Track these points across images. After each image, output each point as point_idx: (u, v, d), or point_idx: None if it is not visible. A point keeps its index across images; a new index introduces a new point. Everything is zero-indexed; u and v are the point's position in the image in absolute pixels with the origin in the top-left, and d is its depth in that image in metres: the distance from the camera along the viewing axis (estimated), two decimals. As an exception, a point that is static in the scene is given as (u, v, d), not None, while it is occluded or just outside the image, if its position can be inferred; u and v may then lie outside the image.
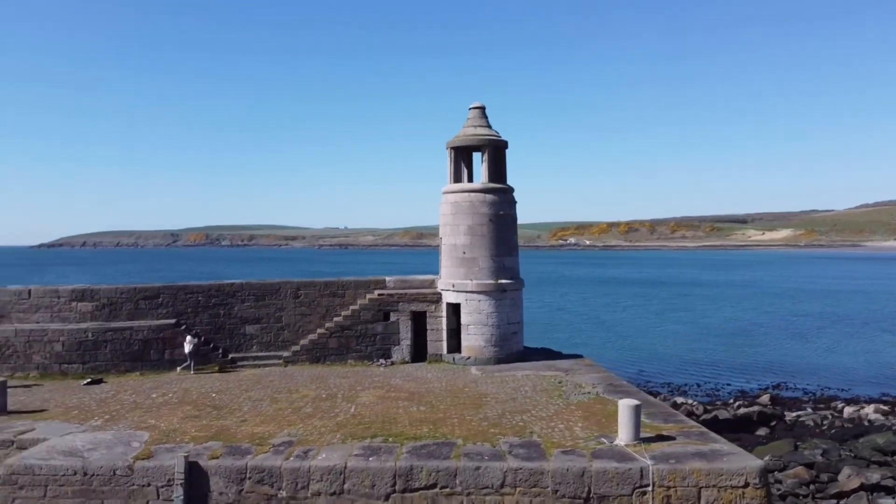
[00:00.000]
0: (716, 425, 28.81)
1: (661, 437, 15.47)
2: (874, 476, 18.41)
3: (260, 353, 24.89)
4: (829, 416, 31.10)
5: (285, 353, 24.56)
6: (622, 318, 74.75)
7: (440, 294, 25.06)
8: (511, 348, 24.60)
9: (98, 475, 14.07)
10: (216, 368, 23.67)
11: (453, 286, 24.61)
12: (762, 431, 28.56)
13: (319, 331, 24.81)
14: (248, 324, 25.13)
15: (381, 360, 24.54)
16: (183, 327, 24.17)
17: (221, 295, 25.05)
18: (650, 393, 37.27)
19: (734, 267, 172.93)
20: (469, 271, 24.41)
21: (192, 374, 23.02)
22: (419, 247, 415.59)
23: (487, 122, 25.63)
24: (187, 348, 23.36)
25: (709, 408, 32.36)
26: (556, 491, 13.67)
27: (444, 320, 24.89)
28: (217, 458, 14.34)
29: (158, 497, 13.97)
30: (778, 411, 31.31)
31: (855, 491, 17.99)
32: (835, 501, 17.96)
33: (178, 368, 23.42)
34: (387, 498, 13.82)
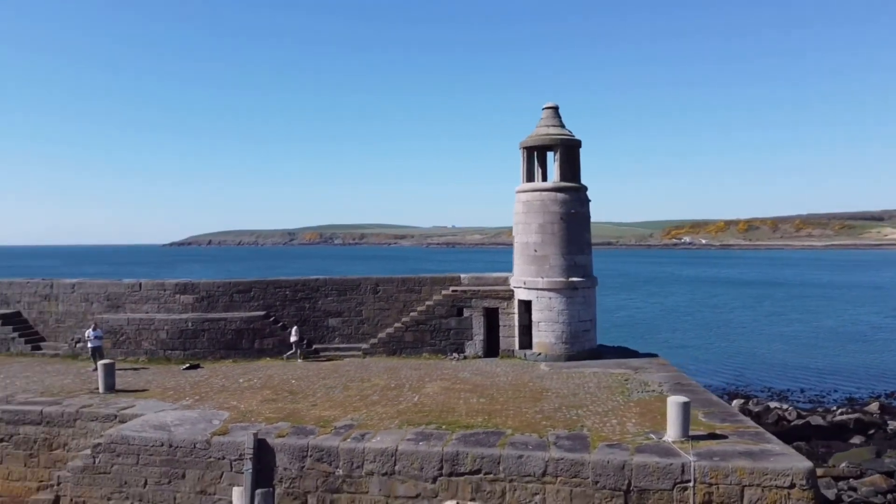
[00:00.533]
0: (806, 431, 27.69)
1: (713, 436, 15.35)
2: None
3: (341, 345, 26.39)
4: (940, 427, 28.89)
5: (364, 346, 25.92)
6: (729, 319, 71.94)
7: (512, 291, 25.56)
8: (582, 345, 24.74)
9: (181, 447, 15.76)
10: (300, 357, 25.36)
11: (524, 283, 25.06)
12: (857, 439, 27.02)
13: (396, 325, 25.99)
14: (331, 317, 26.71)
15: (454, 355, 25.39)
16: (272, 319, 26.08)
17: (307, 289, 26.78)
18: (744, 397, 36.15)
19: (864, 268, 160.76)
20: (540, 269, 24.78)
21: (285, 360, 24.87)
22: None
23: (560, 121, 25.86)
24: (293, 338, 25.28)
25: (803, 413, 30.93)
26: (597, 482, 13.97)
27: (516, 317, 25.38)
28: (283, 436, 15.68)
29: (231, 469, 15.46)
30: (880, 420, 29.48)
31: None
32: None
33: (285, 356, 25.29)
34: (434, 480, 14.62)
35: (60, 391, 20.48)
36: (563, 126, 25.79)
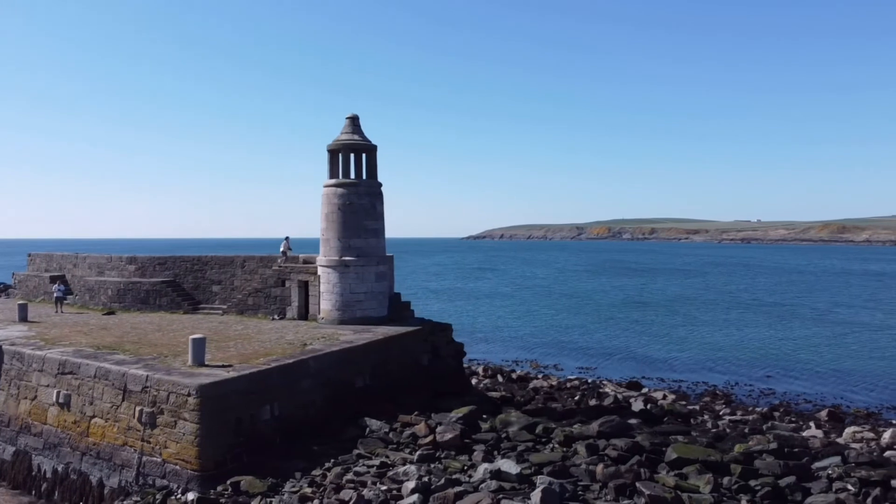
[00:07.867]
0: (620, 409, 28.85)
1: (222, 366, 21.17)
2: (451, 431, 20.11)
3: (216, 305, 35.06)
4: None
5: (224, 307, 34.28)
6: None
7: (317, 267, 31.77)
8: (354, 313, 30.03)
9: (-25, 348, 26.12)
10: (182, 312, 34.61)
11: (317, 262, 31.17)
12: (634, 420, 27.62)
13: (244, 292, 33.88)
14: (214, 284, 35.51)
15: (276, 316, 32.43)
16: (167, 283, 35.76)
17: (200, 264, 35.94)
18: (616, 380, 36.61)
19: None
20: (325, 249, 30.68)
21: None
22: (838, 242, 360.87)
23: (355, 129, 31.25)
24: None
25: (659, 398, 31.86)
26: (114, 383, 21.01)
27: (319, 288, 31.56)
28: (12, 346, 25.12)
29: (-10, 363, 25.35)
30: (683, 410, 29.35)
31: (428, 444, 20.10)
32: (411, 449, 20.34)
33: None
34: (55, 376, 22.84)
35: (5, 321, 32.43)
36: (355, 133, 31.20)
